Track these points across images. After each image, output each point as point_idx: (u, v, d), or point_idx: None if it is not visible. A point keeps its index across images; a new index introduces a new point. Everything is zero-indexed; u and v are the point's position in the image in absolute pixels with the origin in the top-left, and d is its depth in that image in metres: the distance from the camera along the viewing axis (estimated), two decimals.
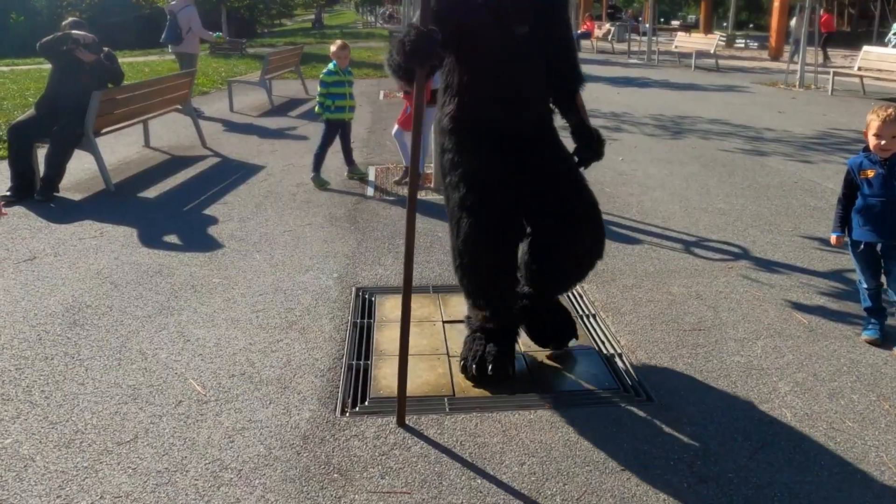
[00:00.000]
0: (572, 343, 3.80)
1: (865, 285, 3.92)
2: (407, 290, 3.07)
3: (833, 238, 3.97)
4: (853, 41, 25.84)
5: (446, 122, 3.41)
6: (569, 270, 3.54)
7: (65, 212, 6.20)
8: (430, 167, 7.27)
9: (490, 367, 3.38)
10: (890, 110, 3.63)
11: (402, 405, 3.10)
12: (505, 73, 3.29)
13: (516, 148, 3.40)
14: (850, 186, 3.87)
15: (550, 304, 3.75)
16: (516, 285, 3.59)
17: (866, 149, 3.82)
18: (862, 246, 3.83)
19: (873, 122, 3.69)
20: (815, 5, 16.10)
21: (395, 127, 7.18)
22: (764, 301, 4.35)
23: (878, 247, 3.77)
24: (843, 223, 3.93)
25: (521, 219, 3.49)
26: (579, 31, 29.10)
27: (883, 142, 3.66)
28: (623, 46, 27.51)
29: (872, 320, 3.94)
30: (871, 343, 3.85)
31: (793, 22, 22.26)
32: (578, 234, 3.40)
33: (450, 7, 3.21)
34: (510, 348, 3.55)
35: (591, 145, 3.58)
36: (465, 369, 3.48)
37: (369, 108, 12.15)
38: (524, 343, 3.81)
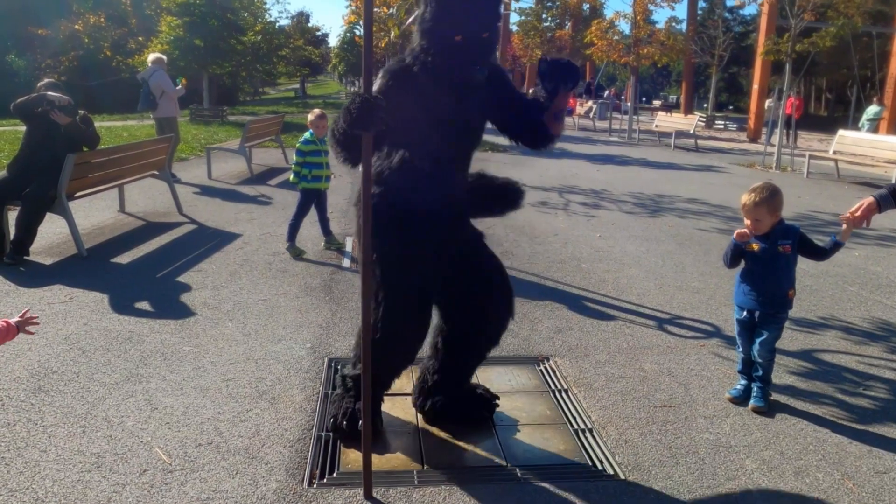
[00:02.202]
0: (543, 419, 3.79)
1: (741, 349, 4.18)
2: (366, 358, 3.07)
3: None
4: (830, 125, 26.57)
5: (377, 200, 3.38)
6: (489, 334, 3.70)
7: (34, 276, 6.15)
8: None
9: (361, 423, 3.31)
10: (752, 195, 3.88)
11: (367, 477, 3.08)
12: (439, 153, 3.37)
13: (444, 222, 3.42)
14: (738, 256, 4.07)
15: (467, 388, 3.87)
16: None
17: None
18: (745, 313, 4.07)
19: (742, 207, 3.95)
20: (792, 89, 16.58)
21: None
22: (734, 379, 4.38)
23: (756, 314, 4.01)
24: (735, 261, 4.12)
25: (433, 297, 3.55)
26: None
27: (751, 222, 3.91)
28: (604, 124, 27.99)
29: (741, 381, 4.21)
30: (732, 401, 4.13)
31: (767, 103, 22.88)
32: (493, 300, 3.60)
33: (398, 87, 3.31)
34: (378, 407, 3.65)
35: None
36: (336, 427, 3.53)
37: (349, 178, 12.25)
38: (496, 416, 3.81)
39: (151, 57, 12.36)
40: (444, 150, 3.39)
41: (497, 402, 3.90)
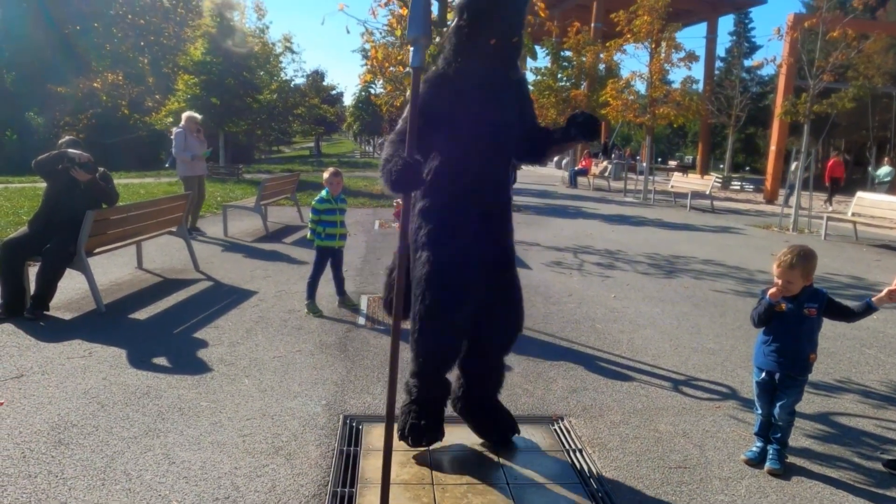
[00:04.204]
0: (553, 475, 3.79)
1: (760, 411, 4.20)
2: (390, 415, 3.10)
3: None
4: (848, 187, 26.56)
5: (426, 204, 3.78)
6: (508, 333, 4.08)
7: (54, 330, 6.22)
8: None
9: (424, 440, 3.95)
10: (787, 257, 3.96)
11: None
12: (482, 159, 3.75)
13: (485, 225, 3.81)
14: (768, 315, 4.09)
15: (493, 402, 4.22)
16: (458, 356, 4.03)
17: None
18: (764, 374, 4.11)
19: (775, 267, 4.03)
20: (812, 150, 16.56)
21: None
22: (750, 441, 4.37)
23: (777, 376, 4.05)
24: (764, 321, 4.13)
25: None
26: (576, 168, 29.71)
27: (782, 283, 3.97)
28: (619, 184, 28.08)
29: (757, 444, 4.20)
30: (748, 463, 4.13)
31: (793, 166, 22.92)
32: (513, 303, 4.02)
33: (437, 94, 3.63)
34: (440, 419, 4.04)
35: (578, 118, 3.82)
36: (403, 438, 3.96)
37: (364, 237, 12.37)
38: (510, 475, 3.82)
39: (183, 115, 12.38)
40: (482, 162, 3.75)
41: (517, 432, 4.25)
